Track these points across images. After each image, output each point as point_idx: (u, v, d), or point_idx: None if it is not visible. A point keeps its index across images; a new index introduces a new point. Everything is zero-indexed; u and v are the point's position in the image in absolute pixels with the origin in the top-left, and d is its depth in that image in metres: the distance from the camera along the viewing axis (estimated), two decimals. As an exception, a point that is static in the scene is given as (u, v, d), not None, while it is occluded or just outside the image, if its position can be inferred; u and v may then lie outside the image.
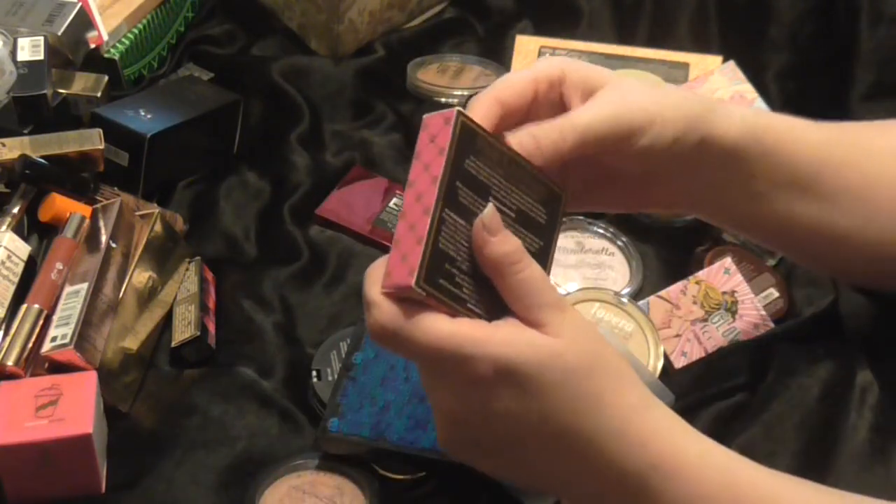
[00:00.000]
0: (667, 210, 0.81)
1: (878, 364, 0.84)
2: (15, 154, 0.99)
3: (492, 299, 0.66)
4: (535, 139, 0.69)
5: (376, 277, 0.66)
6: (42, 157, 1.00)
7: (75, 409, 0.83)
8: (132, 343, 0.94)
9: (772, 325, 0.96)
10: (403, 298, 0.65)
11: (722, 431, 0.85)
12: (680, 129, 0.73)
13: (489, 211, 0.65)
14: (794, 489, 0.68)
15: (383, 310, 0.64)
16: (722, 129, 0.75)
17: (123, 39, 1.22)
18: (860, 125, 0.84)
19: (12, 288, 0.93)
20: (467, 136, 0.67)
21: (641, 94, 0.72)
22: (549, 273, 0.69)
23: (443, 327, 0.63)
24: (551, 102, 0.72)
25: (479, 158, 0.68)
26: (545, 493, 0.73)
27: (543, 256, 0.70)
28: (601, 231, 1.06)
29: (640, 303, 0.98)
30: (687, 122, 0.73)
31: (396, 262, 0.65)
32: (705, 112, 0.74)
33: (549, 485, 0.69)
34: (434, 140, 0.67)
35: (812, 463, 0.81)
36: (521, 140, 0.69)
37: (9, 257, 0.93)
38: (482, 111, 0.70)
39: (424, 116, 0.68)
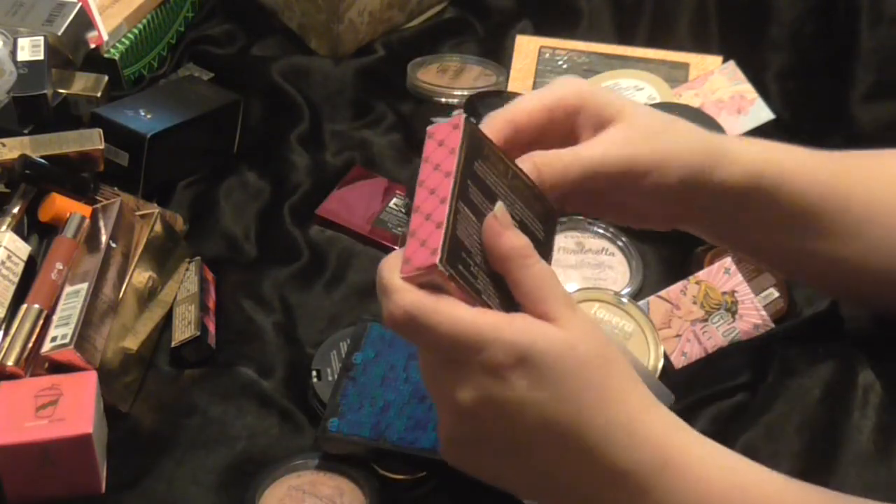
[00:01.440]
0: (667, 229, 0.82)
1: (879, 364, 0.84)
2: (15, 154, 0.99)
3: (501, 296, 0.66)
4: (538, 169, 0.70)
5: (393, 265, 0.65)
6: (42, 157, 1.00)
7: (75, 409, 0.83)
8: (132, 343, 0.94)
9: (772, 325, 0.96)
10: (422, 284, 0.65)
11: (722, 432, 0.84)
12: (686, 173, 0.74)
13: (500, 207, 0.66)
14: (799, 492, 0.68)
15: (404, 294, 0.64)
16: (727, 173, 0.75)
17: (123, 39, 1.22)
18: (863, 155, 0.84)
19: (12, 288, 0.93)
20: (475, 141, 0.68)
21: (653, 135, 0.73)
22: None
23: (463, 313, 0.64)
24: (564, 129, 0.73)
25: (486, 164, 0.68)
26: (542, 500, 0.73)
27: None
28: (601, 231, 1.06)
29: (640, 303, 0.97)
30: (693, 167, 0.74)
31: (415, 248, 0.65)
32: (714, 155, 0.75)
33: (549, 489, 0.69)
34: (443, 144, 0.67)
35: (814, 464, 0.81)
36: (524, 167, 0.70)
37: (9, 257, 0.93)
38: (494, 131, 0.70)
39: (429, 128, 0.69)
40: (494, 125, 0.71)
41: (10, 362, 0.87)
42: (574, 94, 0.72)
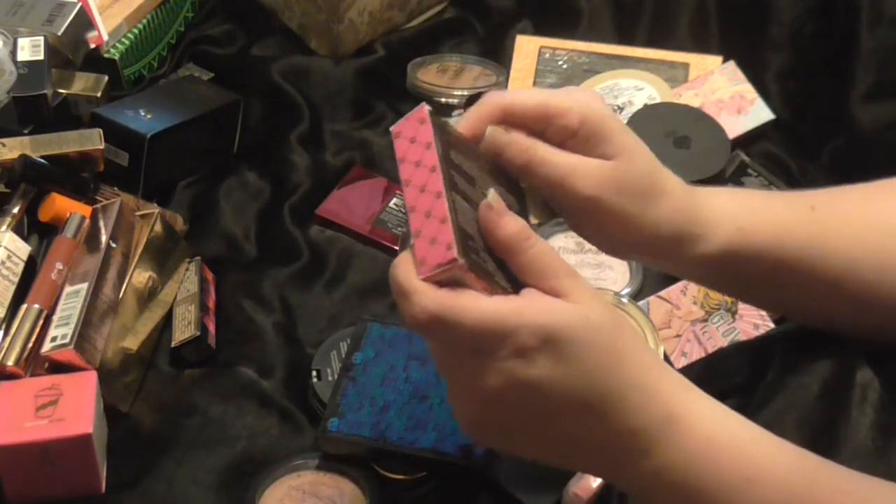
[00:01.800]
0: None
1: (877, 362, 0.84)
2: (15, 154, 0.99)
3: (507, 273, 0.67)
4: (533, 167, 0.72)
5: (407, 269, 0.65)
6: (42, 157, 1.00)
7: (75, 409, 0.83)
8: (132, 343, 0.94)
9: (772, 325, 0.96)
10: (441, 282, 0.65)
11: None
12: (664, 245, 0.75)
13: (493, 195, 0.66)
14: (793, 454, 0.70)
15: (427, 295, 0.64)
16: (702, 249, 0.76)
17: (123, 39, 1.22)
18: (843, 198, 0.83)
19: (12, 288, 0.93)
20: (442, 132, 0.68)
21: (641, 195, 0.73)
22: None
23: (486, 305, 0.64)
24: (556, 135, 0.73)
25: (457, 150, 0.69)
26: (563, 465, 0.74)
27: None
28: (601, 231, 1.06)
29: (640, 303, 0.98)
30: (671, 241, 0.75)
31: (426, 247, 0.65)
32: (690, 233, 0.75)
33: (570, 454, 0.70)
34: (415, 140, 0.68)
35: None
36: (515, 156, 0.72)
37: (9, 257, 0.93)
38: (484, 114, 0.71)
39: (393, 127, 0.69)
40: (486, 110, 0.71)
41: (10, 362, 0.87)
42: (580, 114, 0.72)
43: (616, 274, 1.04)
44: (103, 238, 0.95)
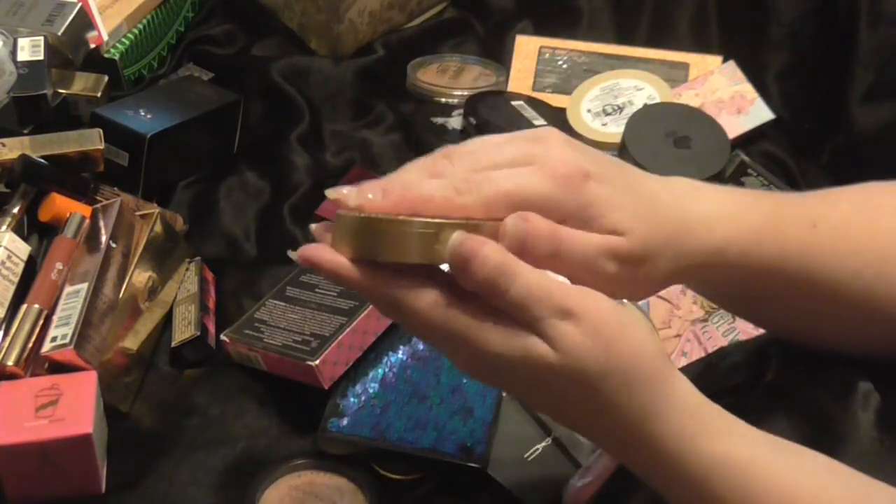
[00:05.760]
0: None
1: (880, 360, 0.84)
2: (15, 154, 0.99)
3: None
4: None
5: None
6: (42, 157, 1.00)
7: (75, 409, 0.83)
8: (132, 343, 0.94)
9: (772, 325, 0.96)
10: None
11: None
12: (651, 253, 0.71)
13: (452, 245, 0.62)
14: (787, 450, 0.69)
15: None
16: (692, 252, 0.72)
17: (123, 39, 1.22)
18: (835, 208, 0.81)
19: (12, 288, 0.93)
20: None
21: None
22: None
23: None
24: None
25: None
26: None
27: None
28: (601, 231, 1.06)
29: (640, 303, 0.97)
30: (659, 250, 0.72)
31: None
32: (681, 235, 0.71)
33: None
34: None
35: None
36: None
37: (9, 257, 0.93)
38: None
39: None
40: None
41: (10, 362, 0.87)
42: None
43: (616, 274, 1.04)
44: (103, 238, 0.95)
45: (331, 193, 0.65)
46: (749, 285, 0.76)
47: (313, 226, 0.67)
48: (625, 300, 0.94)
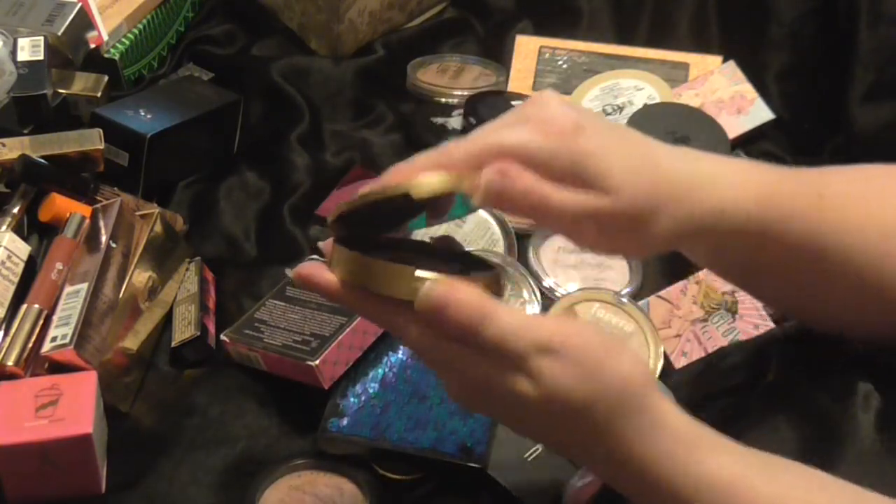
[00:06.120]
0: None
1: (881, 360, 0.84)
2: (15, 154, 0.99)
3: None
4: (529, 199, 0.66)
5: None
6: (42, 157, 1.00)
7: (75, 409, 0.83)
8: (132, 343, 0.94)
9: (772, 325, 0.96)
10: None
11: (722, 432, 0.84)
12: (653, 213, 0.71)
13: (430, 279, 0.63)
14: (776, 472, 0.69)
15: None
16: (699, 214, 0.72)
17: (123, 39, 1.22)
18: (843, 186, 0.81)
19: (12, 288, 0.93)
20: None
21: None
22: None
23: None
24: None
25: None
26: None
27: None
28: (601, 231, 1.06)
29: (640, 303, 0.98)
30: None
31: None
32: (680, 195, 0.71)
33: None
34: None
35: (814, 464, 0.80)
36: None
37: (9, 257, 0.93)
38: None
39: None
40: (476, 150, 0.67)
41: (10, 362, 0.87)
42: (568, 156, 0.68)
43: (616, 274, 1.04)
44: (103, 238, 0.95)
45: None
46: (751, 252, 0.75)
47: (321, 243, 0.68)
48: (624, 298, 0.94)
